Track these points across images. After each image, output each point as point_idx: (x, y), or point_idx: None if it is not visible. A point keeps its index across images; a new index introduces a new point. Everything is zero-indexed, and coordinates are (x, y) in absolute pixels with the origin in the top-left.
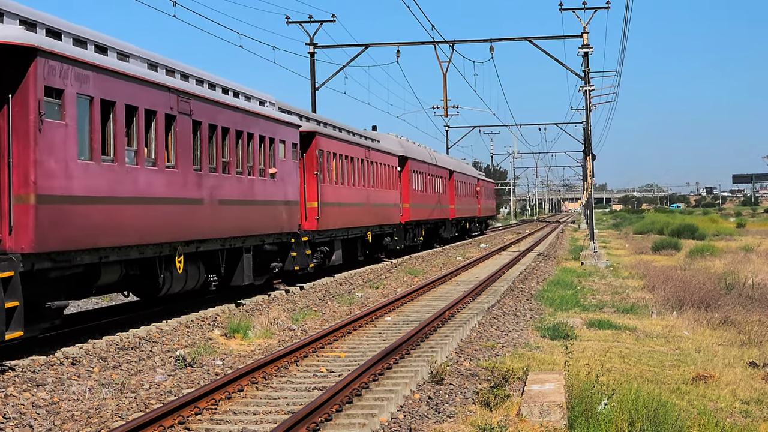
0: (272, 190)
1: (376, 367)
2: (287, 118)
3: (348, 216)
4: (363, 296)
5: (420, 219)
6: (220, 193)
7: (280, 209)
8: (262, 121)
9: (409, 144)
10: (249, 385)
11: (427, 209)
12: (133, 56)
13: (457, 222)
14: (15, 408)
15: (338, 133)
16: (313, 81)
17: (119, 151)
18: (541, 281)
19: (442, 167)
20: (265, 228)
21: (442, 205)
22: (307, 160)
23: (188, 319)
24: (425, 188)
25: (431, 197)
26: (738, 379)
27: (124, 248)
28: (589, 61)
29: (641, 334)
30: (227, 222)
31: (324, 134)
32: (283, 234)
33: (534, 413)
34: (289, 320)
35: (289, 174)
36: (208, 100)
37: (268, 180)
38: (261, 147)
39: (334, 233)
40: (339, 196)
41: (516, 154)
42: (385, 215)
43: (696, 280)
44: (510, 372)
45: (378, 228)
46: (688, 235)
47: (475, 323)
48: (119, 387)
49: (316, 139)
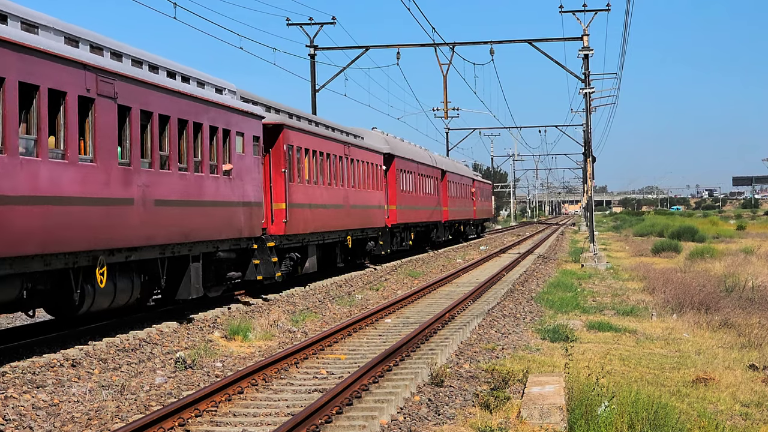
0: (226, 189)
1: (376, 369)
2: (247, 107)
3: (323, 219)
4: (363, 298)
5: (409, 222)
6: (157, 193)
7: (238, 212)
8: (213, 109)
9: (396, 141)
10: (249, 387)
11: (416, 211)
12: (45, 27)
13: (450, 225)
14: (15, 409)
15: (311, 127)
16: (314, 83)
17: (9, 140)
18: (541, 283)
19: (434, 166)
20: (218, 233)
21: (433, 206)
22: (274, 156)
23: (188, 320)
24: (414, 189)
25: (421, 198)
26: (738, 382)
27: (21, 259)
28: (589, 63)
29: (641, 336)
30: (167, 226)
31: (293, 127)
32: (243, 239)
33: (534, 415)
34: (290, 322)
35: (249, 171)
36: (139, 82)
37: (221, 178)
38: (213, 140)
39: (306, 238)
40: (312, 196)
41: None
42: (369, 218)
43: (696, 283)
44: (510, 374)
45: (360, 232)
46: (688, 238)
47: (475, 325)
48: (119, 389)
49: (283, 132)
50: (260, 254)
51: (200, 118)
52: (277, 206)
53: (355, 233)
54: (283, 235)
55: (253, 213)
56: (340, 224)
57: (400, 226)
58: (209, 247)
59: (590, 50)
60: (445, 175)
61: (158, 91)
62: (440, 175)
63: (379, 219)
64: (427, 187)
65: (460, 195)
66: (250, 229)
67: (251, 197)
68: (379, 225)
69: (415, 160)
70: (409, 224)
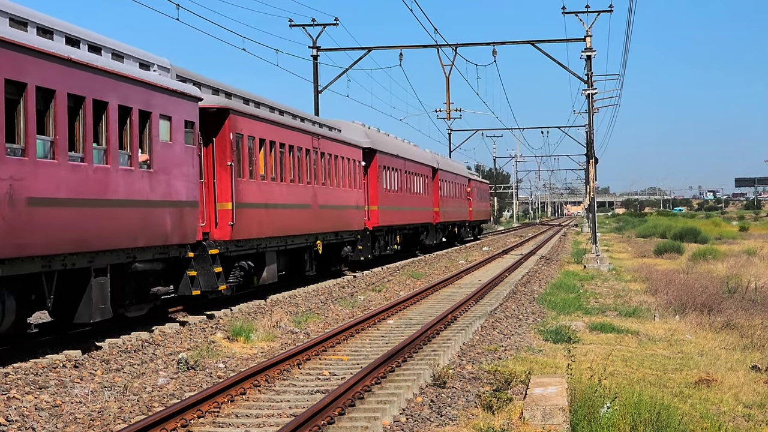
0: (144, 185)
1: (379, 371)
2: (176, 85)
3: (284, 221)
4: (365, 299)
5: (393, 224)
6: (34, 189)
7: (161, 213)
8: (126, 85)
9: (378, 135)
10: (252, 388)
11: (402, 212)
12: None
13: (443, 227)
14: (18, 410)
15: (269, 114)
16: (316, 84)
17: None
18: (543, 284)
19: (423, 164)
20: (133, 239)
21: (423, 207)
22: (218, 146)
23: (191, 322)
24: (401, 187)
25: (409, 198)
26: (741, 383)
27: None
28: (591, 64)
29: (644, 337)
30: (51, 232)
31: (243, 113)
32: (172, 247)
33: (536, 417)
34: (292, 323)
35: (178, 164)
36: (4, 43)
37: (136, 171)
38: (126, 123)
39: (262, 243)
40: (268, 195)
41: (519, 157)
42: (344, 220)
43: (698, 284)
44: (512, 375)
45: (333, 235)
46: (690, 239)
47: (478, 326)
48: (122, 390)
49: (230, 118)
50: (199, 264)
51: (105, 95)
52: (221, 206)
53: (327, 237)
54: (230, 240)
55: (184, 215)
56: (307, 227)
57: (384, 229)
58: (121, 258)
59: (593, 51)
60: (437, 173)
61: (38, 57)
62: (431, 173)
63: (358, 221)
64: (415, 185)
65: (455, 195)
66: (182, 234)
67: (182, 195)
68: (357, 228)
69: (401, 155)
70: (394, 226)
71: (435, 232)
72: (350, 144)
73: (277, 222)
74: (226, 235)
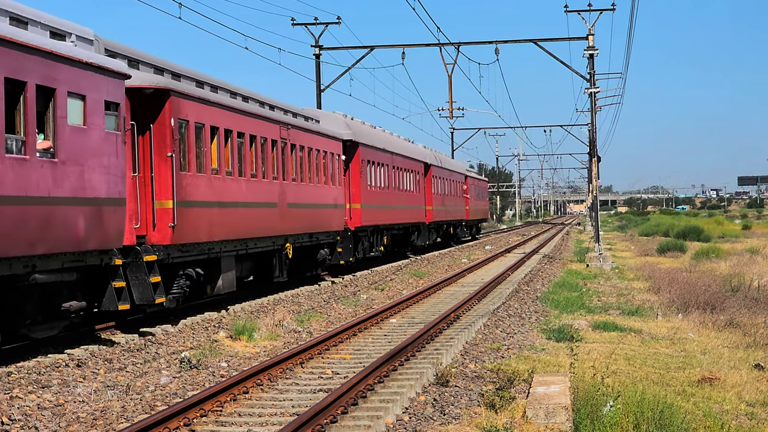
0: (44, 178)
1: (382, 369)
2: (91, 57)
3: (243, 222)
4: (368, 298)
5: (379, 223)
6: None
7: (71, 213)
8: (17, 54)
9: (362, 127)
10: (254, 387)
11: (389, 211)
12: None
13: (436, 227)
14: (20, 410)
15: (222, 98)
16: (319, 83)
17: None
18: (546, 283)
19: (414, 159)
20: (29, 245)
21: (413, 205)
22: (156, 134)
23: (193, 320)
24: (388, 184)
25: (397, 196)
26: (743, 382)
27: None
28: (594, 63)
29: (646, 336)
30: None
31: (189, 95)
32: (89, 254)
33: (539, 415)
34: (295, 322)
35: (95, 153)
36: None
37: (31, 160)
38: (18, 100)
39: (215, 247)
40: (222, 192)
41: (521, 156)
42: (320, 219)
43: (701, 282)
44: (515, 374)
45: (307, 237)
46: (693, 237)
47: (481, 325)
48: (124, 389)
49: (171, 101)
50: (132, 273)
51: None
52: (160, 205)
53: (300, 239)
54: (171, 245)
55: (105, 215)
56: (274, 228)
57: (368, 229)
58: (16, 268)
59: (595, 50)
60: (429, 169)
61: None
62: (423, 169)
63: (337, 221)
64: (405, 182)
65: (450, 193)
66: (102, 238)
67: (101, 191)
68: (337, 228)
69: (388, 149)
70: (380, 226)
71: (427, 233)
72: (328, 136)
73: (234, 223)
74: (167, 238)
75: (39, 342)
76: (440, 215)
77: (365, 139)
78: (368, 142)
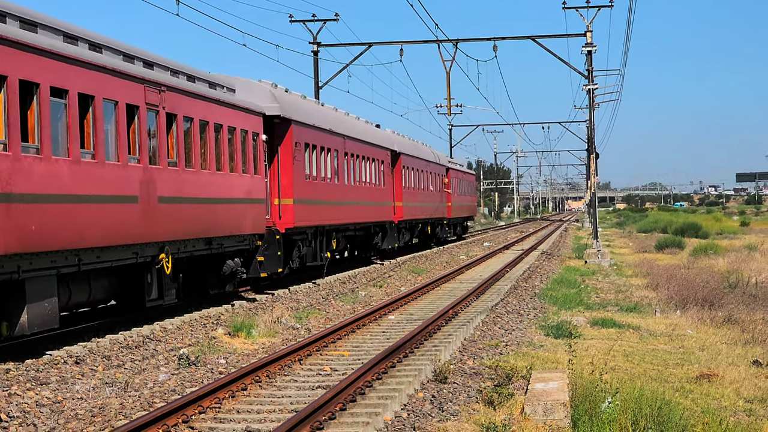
0: None
1: (380, 366)
2: None
3: (66, 225)
4: (366, 295)
5: (324, 224)
6: None
7: None
8: None
9: (297, 100)
10: (253, 383)
11: (340, 208)
12: None
13: (409, 226)
14: (19, 407)
15: (33, 37)
16: (317, 80)
17: None
18: (544, 280)
19: (377, 145)
20: None
21: (377, 201)
22: None
23: (192, 317)
24: (338, 174)
25: (351, 190)
26: (742, 378)
27: None
28: (592, 59)
29: (645, 332)
30: None
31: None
32: None
33: (538, 412)
34: (293, 319)
35: None
36: None
37: None
38: None
39: (7, 267)
40: (14, 180)
41: (519, 152)
42: (224, 220)
43: (699, 279)
44: (514, 370)
45: (203, 244)
46: (691, 234)
47: (479, 322)
48: (123, 386)
49: None
50: None
51: None
52: None
53: (187, 247)
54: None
55: None
56: (134, 233)
57: (307, 231)
58: None
59: (593, 46)
60: (399, 158)
61: None
62: (391, 157)
63: (253, 221)
64: (364, 173)
65: (426, 187)
66: None
67: None
68: (254, 231)
69: (335, 131)
70: (325, 227)
71: (397, 233)
72: (238, 107)
73: (45, 227)
74: None
75: (38, 339)
76: (413, 212)
77: (300, 115)
78: (305, 120)
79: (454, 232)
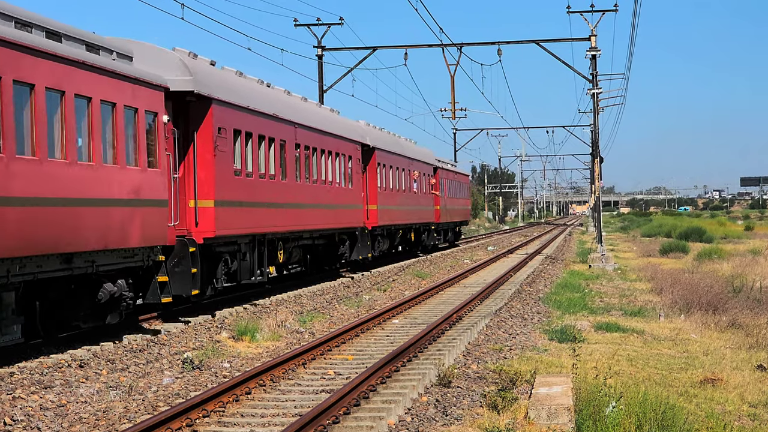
0: None
1: (384, 370)
2: None
3: None
4: (371, 299)
5: (262, 231)
6: None
7: None
8: None
9: (222, 74)
10: (257, 387)
11: (286, 212)
12: None
13: (387, 233)
14: (23, 410)
15: None
16: (321, 84)
17: None
18: (548, 284)
19: (343, 137)
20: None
21: (343, 204)
22: None
23: (196, 321)
24: (282, 171)
25: (305, 190)
26: (746, 382)
27: None
28: (596, 63)
29: (649, 337)
30: None
31: None
32: None
33: (542, 416)
34: (297, 323)
35: None
36: None
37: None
38: None
39: None
40: None
41: (524, 156)
42: (95, 229)
43: (704, 283)
44: (517, 375)
45: (62, 263)
46: (696, 238)
47: (483, 326)
48: (127, 389)
49: None
50: None
51: None
52: None
53: (39, 268)
54: None
55: None
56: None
57: (238, 243)
58: None
59: (598, 51)
60: (373, 153)
61: None
62: (361, 153)
63: (138, 230)
64: (327, 170)
65: (408, 188)
66: None
67: None
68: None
69: (281, 117)
70: (264, 236)
71: (371, 241)
72: (121, 75)
73: None
74: None
75: (41, 343)
76: (391, 217)
77: (228, 94)
78: (235, 101)
79: (445, 238)
